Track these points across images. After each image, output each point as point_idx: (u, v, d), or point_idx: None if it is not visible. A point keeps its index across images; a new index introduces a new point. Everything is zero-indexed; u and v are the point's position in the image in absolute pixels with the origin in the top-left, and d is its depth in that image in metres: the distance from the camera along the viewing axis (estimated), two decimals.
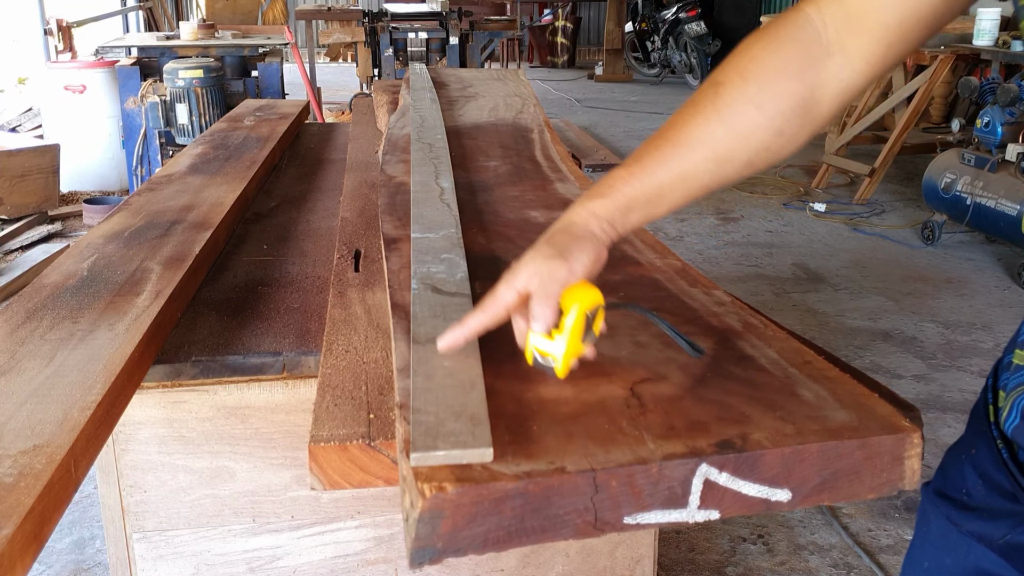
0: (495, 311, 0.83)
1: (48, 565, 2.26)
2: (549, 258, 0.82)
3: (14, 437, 0.85)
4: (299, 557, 1.31)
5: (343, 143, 2.46)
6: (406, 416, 0.76)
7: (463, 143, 1.90)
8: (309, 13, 8.29)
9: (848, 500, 0.78)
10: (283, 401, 1.23)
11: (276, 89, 5.32)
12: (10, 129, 6.86)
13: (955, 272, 4.49)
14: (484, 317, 0.84)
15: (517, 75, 2.68)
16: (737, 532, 2.42)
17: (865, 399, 0.82)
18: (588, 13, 13.85)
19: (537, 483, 0.69)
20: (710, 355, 0.91)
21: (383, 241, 1.24)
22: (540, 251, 0.83)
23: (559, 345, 0.81)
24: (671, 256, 1.22)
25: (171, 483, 1.25)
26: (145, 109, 4.98)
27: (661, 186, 0.84)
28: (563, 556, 1.36)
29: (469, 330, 0.84)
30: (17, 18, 7.53)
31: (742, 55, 0.85)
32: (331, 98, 8.85)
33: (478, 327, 0.84)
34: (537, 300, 0.80)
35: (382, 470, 0.85)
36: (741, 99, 0.83)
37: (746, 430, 0.76)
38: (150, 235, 1.47)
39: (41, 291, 1.22)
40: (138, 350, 1.06)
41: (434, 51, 6.63)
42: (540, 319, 0.80)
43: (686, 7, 10.78)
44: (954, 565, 0.89)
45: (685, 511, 0.73)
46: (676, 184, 0.84)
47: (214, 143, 2.17)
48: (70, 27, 6.53)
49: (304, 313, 1.31)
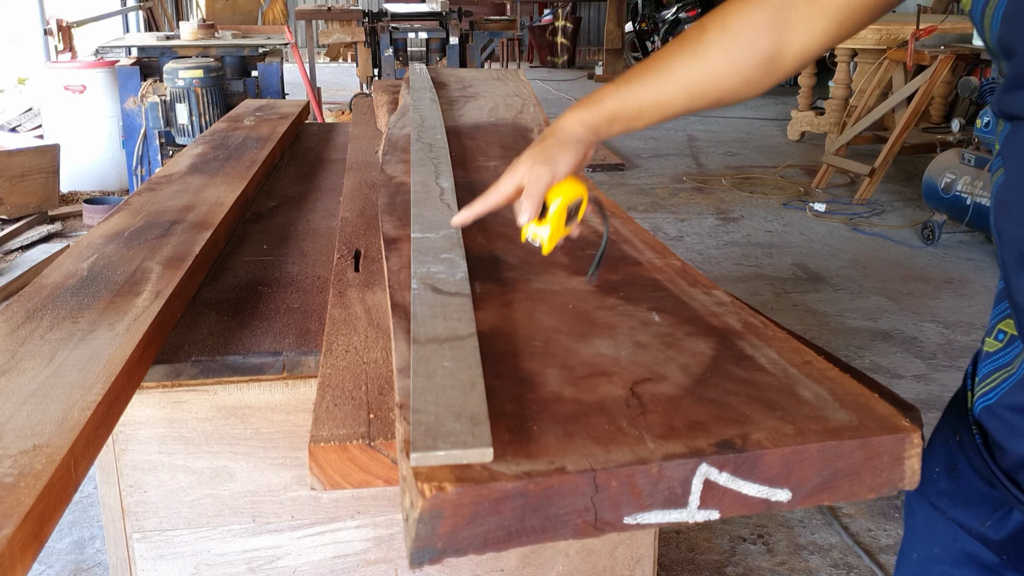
0: (496, 199, 1.04)
1: (48, 565, 2.26)
2: (537, 163, 1.01)
3: (14, 437, 0.85)
4: (299, 557, 1.31)
5: (343, 143, 2.46)
6: (406, 416, 0.76)
7: (463, 143, 1.90)
8: (309, 13, 8.29)
9: (848, 500, 0.78)
10: (283, 401, 1.23)
11: (276, 89, 5.32)
12: (10, 129, 6.86)
13: (955, 272, 4.49)
14: (488, 203, 1.05)
15: (517, 75, 2.68)
16: (737, 532, 2.42)
17: (865, 399, 0.82)
18: (588, 13, 13.85)
19: (537, 483, 0.69)
20: (710, 355, 0.91)
21: (383, 241, 1.24)
22: (532, 154, 1.02)
23: (545, 230, 1.02)
24: (671, 256, 1.22)
25: (171, 483, 1.25)
26: (145, 109, 4.98)
27: (641, 106, 1.01)
28: (563, 556, 1.36)
29: (475, 212, 1.06)
30: (17, 18, 7.53)
31: (727, 8, 0.99)
32: (331, 98, 8.85)
33: (482, 210, 1.06)
34: (524, 196, 1.01)
35: (382, 470, 0.85)
36: (718, 47, 0.98)
37: (746, 430, 0.76)
38: (150, 235, 1.47)
39: (41, 291, 1.22)
40: (138, 350, 1.06)
41: (434, 51, 6.63)
42: (525, 211, 1.01)
43: (686, 7, 10.79)
44: (943, 553, 0.91)
45: (685, 511, 0.73)
46: (653, 107, 1.01)
47: (214, 143, 2.17)
48: (70, 27, 6.53)
49: (304, 313, 1.31)
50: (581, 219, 1.06)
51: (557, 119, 1.05)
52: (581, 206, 1.05)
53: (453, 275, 1.06)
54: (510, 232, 1.32)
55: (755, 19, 0.97)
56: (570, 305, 1.04)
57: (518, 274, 1.14)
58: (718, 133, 7.91)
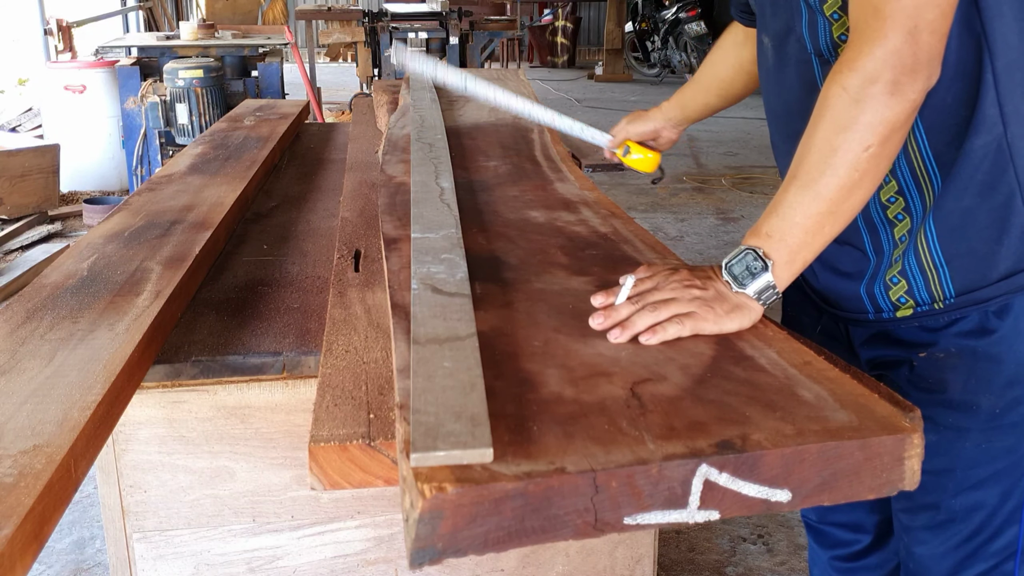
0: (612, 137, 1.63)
1: (48, 565, 2.26)
2: (631, 118, 1.63)
3: (14, 437, 0.85)
4: (299, 557, 1.31)
5: (343, 143, 2.46)
6: (406, 416, 0.76)
7: (463, 143, 1.90)
8: (309, 13, 8.28)
9: (848, 501, 0.78)
10: (283, 401, 1.23)
11: (276, 89, 5.32)
12: (10, 129, 6.86)
13: None
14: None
15: (517, 75, 2.69)
16: (737, 532, 2.42)
17: (865, 399, 0.83)
18: (588, 13, 13.85)
19: (537, 484, 0.69)
20: (710, 355, 0.91)
21: (383, 241, 1.24)
22: (626, 118, 1.64)
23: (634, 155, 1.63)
24: (671, 256, 1.22)
25: (171, 483, 1.25)
26: (145, 109, 4.98)
27: (686, 98, 1.58)
28: (563, 556, 1.36)
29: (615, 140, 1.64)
30: (17, 18, 7.53)
31: (722, 35, 1.53)
32: (331, 98, 8.85)
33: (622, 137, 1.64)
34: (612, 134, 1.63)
35: (382, 470, 0.85)
36: (712, 60, 1.55)
37: (746, 431, 0.76)
38: (150, 235, 1.47)
39: (41, 291, 1.22)
40: (138, 350, 1.06)
41: (434, 51, 6.63)
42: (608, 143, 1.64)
43: (686, 7, 10.78)
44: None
45: (685, 511, 0.73)
46: (697, 100, 1.57)
47: (214, 143, 2.17)
48: (70, 27, 6.53)
49: (304, 313, 1.31)
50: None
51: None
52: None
53: (453, 275, 1.06)
54: (510, 232, 1.32)
55: (728, 43, 1.51)
56: (570, 305, 1.04)
57: (518, 274, 1.14)
58: (718, 133, 7.91)
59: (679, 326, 0.95)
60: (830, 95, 0.95)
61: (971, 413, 1.10)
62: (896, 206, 1.09)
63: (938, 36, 0.93)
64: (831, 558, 1.48)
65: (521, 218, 1.39)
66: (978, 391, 1.10)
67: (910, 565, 1.23)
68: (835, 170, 0.95)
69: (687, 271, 1.02)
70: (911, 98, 0.93)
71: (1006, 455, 1.12)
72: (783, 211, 0.98)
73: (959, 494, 1.15)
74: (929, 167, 1.06)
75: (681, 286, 0.99)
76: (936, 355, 1.11)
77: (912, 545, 1.22)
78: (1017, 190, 1.05)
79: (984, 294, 1.08)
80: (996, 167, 1.04)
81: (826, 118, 0.95)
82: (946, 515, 1.16)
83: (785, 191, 0.99)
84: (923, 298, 1.10)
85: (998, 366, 1.09)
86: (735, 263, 0.99)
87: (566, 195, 1.54)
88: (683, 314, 0.96)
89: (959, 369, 1.10)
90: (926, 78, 0.94)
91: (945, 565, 1.18)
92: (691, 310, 0.96)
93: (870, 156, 0.94)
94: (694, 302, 0.97)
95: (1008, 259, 1.07)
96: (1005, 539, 1.15)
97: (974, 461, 1.12)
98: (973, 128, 1.03)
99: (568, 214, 1.42)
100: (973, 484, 1.13)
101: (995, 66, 1.01)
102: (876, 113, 0.93)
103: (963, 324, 1.09)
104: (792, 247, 0.98)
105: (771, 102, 1.23)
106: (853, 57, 0.94)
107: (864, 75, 0.93)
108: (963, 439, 1.12)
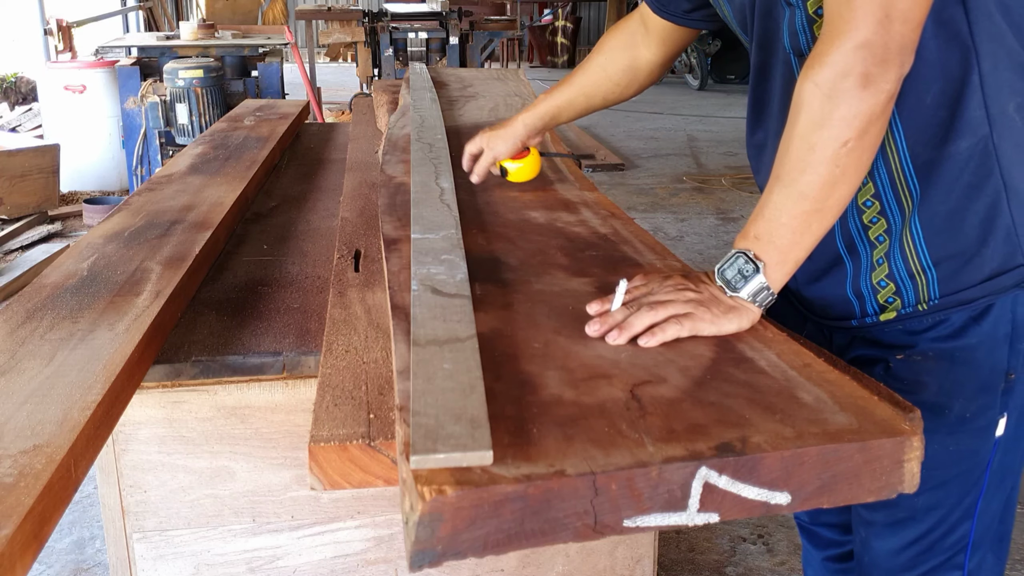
0: (470, 149, 1.54)
1: (48, 565, 2.26)
2: (491, 138, 1.51)
3: (14, 437, 0.85)
4: (299, 557, 1.31)
5: (343, 143, 2.46)
6: (406, 418, 0.76)
7: (463, 143, 1.89)
8: (309, 13, 8.29)
9: (847, 503, 0.78)
10: (283, 401, 1.23)
11: (276, 89, 5.32)
12: (10, 129, 6.86)
13: None
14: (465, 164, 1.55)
15: (517, 75, 2.69)
16: (737, 532, 2.42)
17: (865, 402, 0.83)
18: (588, 13, 13.85)
19: (537, 486, 0.69)
20: (710, 358, 0.91)
21: (383, 242, 1.24)
22: (486, 132, 1.52)
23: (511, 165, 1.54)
24: (671, 257, 1.22)
25: (171, 483, 1.25)
26: (145, 109, 4.98)
27: (559, 106, 1.50)
28: (563, 556, 1.36)
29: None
30: (17, 18, 7.52)
31: (605, 36, 1.49)
32: (331, 98, 8.85)
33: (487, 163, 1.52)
34: (483, 157, 1.53)
35: (382, 470, 0.85)
36: (596, 63, 1.48)
37: (746, 433, 0.76)
38: (150, 235, 1.47)
39: (41, 291, 1.22)
40: (138, 350, 1.06)
41: (434, 51, 6.63)
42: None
43: None
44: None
45: (684, 514, 0.73)
46: (566, 107, 1.50)
47: (214, 143, 2.17)
48: (70, 27, 6.53)
49: (304, 313, 1.31)
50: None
51: (510, 118, 1.53)
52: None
53: (453, 276, 1.06)
54: (510, 233, 1.32)
55: (616, 42, 1.46)
56: (570, 307, 1.04)
57: (518, 276, 1.14)
58: (718, 133, 7.91)
59: (678, 326, 0.95)
60: (804, 91, 0.94)
61: (942, 416, 1.10)
62: (872, 210, 1.08)
63: (911, 25, 0.92)
64: (824, 559, 1.49)
65: (521, 218, 1.39)
66: (952, 394, 1.09)
67: (865, 558, 1.24)
68: (815, 168, 0.94)
69: (680, 276, 1.02)
70: (885, 88, 0.92)
71: (970, 457, 1.12)
72: (769, 212, 0.98)
73: (921, 493, 1.13)
74: (906, 168, 1.05)
75: (675, 289, 0.99)
76: (914, 357, 1.11)
77: (870, 539, 1.22)
78: (1003, 191, 1.04)
79: (968, 295, 1.07)
80: (982, 169, 1.03)
81: (802, 115, 0.95)
82: (907, 512, 1.16)
83: (770, 192, 0.99)
84: (909, 300, 1.09)
85: (973, 371, 1.08)
86: (727, 267, 1.00)
87: (566, 195, 1.54)
88: (681, 315, 0.96)
89: (934, 372, 1.09)
90: (899, 66, 0.92)
91: (902, 559, 1.19)
92: (688, 311, 0.96)
93: (849, 151, 0.93)
94: (690, 303, 0.97)
95: (993, 260, 1.06)
96: (959, 533, 1.16)
97: (939, 462, 1.11)
98: (958, 130, 1.02)
99: (568, 215, 1.42)
100: (936, 484, 1.13)
101: (981, 67, 1.00)
102: (850, 107, 0.92)
103: (943, 328, 1.09)
104: (781, 248, 0.98)
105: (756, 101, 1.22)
106: (824, 51, 0.93)
107: (835, 69, 0.92)
108: (930, 441, 1.13)
